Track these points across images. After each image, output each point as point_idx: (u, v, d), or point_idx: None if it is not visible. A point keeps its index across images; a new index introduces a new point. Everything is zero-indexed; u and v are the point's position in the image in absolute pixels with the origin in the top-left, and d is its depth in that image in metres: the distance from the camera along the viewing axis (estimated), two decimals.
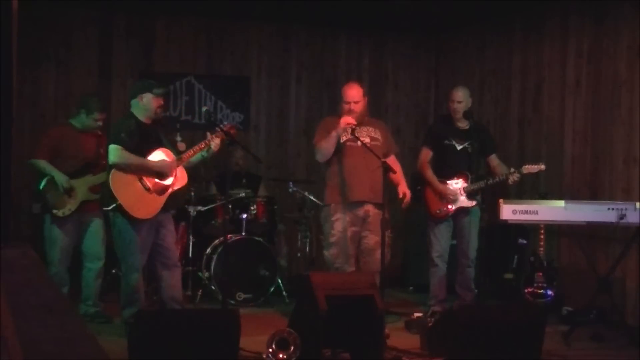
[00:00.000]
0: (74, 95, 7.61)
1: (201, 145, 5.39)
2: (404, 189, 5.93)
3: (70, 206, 5.75)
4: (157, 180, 5.30)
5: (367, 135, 5.82)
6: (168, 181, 5.33)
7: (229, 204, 6.22)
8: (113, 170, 5.20)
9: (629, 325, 5.77)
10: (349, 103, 5.78)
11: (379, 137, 5.89)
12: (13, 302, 2.45)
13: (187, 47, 7.99)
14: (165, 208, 5.37)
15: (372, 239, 5.80)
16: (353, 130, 5.67)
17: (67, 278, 5.82)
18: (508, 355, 4.45)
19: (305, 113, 8.29)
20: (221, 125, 5.41)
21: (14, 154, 3.75)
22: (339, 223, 5.78)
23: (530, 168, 6.02)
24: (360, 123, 5.82)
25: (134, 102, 5.41)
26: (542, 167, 6.04)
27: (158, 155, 5.34)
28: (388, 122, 8.52)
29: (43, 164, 5.76)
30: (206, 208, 6.90)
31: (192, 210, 6.79)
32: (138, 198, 5.22)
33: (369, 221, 5.81)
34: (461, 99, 6.15)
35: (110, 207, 5.22)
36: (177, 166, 5.37)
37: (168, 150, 5.41)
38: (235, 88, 8.14)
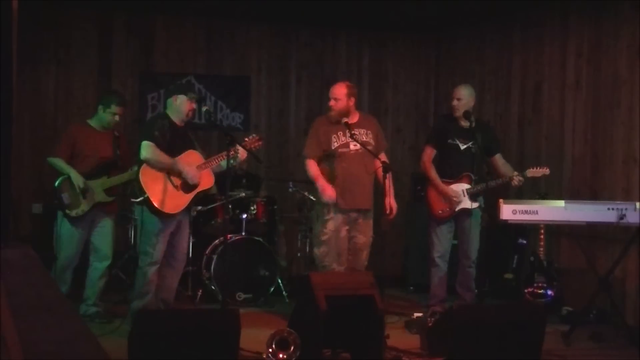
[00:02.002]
0: (74, 95, 7.63)
1: (229, 152, 5.44)
2: (391, 202, 5.81)
3: (83, 207, 5.75)
4: (183, 179, 5.48)
5: (360, 140, 5.84)
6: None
7: (229, 204, 6.22)
8: (144, 165, 5.39)
9: (629, 325, 5.76)
10: (330, 99, 5.93)
11: (371, 140, 5.90)
12: (13, 302, 2.45)
13: (187, 47, 7.99)
14: (189, 207, 5.59)
15: (360, 239, 5.89)
16: (352, 135, 5.75)
17: (68, 278, 5.81)
18: (508, 355, 4.45)
19: (305, 113, 8.28)
20: (250, 138, 5.68)
21: (14, 154, 3.75)
22: (331, 222, 5.82)
23: (534, 172, 6.03)
24: (355, 125, 5.85)
25: (168, 101, 5.64)
26: (547, 171, 6.04)
27: (188, 157, 5.53)
28: (388, 122, 8.57)
29: (61, 162, 5.77)
30: (206, 208, 6.90)
31: (192, 210, 6.79)
32: (166, 193, 5.41)
33: (359, 222, 5.88)
34: (461, 96, 6.13)
35: (139, 200, 5.39)
36: (203, 169, 5.53)
37: (198, 153, 5.61)
38: (235, 88, 8.14)
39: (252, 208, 6.90)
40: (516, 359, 4.48)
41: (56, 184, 5.76)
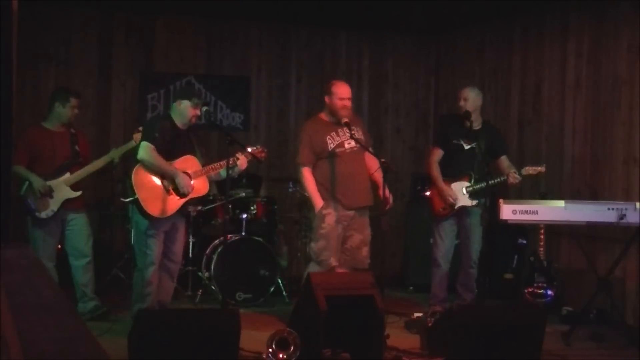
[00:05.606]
0: None
1: (228, 161, 5.45)
2: (386, 193, 5.78)
3: (52, 207, 5.78)
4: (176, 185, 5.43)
5: (353, 138, 5.84)
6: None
7: (229, 204, 6.22)
8: (138, 165, 5.36)
9: (629, 325, 5.77)
10: (343, 99, 5.83)
11: (362, 137, 5.91)
12: (13, 302, 2.44)
13: (187, 47, 7.99)
14: (181, 211, 5.52)
15: (357, 237, 5.86)
16: (351, 133, 5.74)
17: (55, 274, 5.77)
18: (508, 355, 4.45)
19: (305, 113, 8.27)
20: (252, 149, 5.54)
21: (14, 154, 3.75)
22: (330, 217, 5.79)
23: (529, 169, 6.04)
24: (350, 123, 5.83)
25: (173, 105, 5.63)
26: (542, 169, 6.05)
27: (185, 162, 5.48)
28: (388, 122, 8.59)
29: (21, 169, 5.73)
30: (206, 208, 6.90)
31: (192, 210, 6.79)
32: (156, 196, 5.36)
33: (354, 220, 5.86)
34: (467, 97, 6.12)
35: (128, 200, 5.38)
36: (199, 177, 5.49)
37: (195, 159, 5.55)
38: (235, 88, 8.14)
39: (252, 208, 6.90)
40: (516, 359, 4.49)
41: (21, 191, 5.75)
